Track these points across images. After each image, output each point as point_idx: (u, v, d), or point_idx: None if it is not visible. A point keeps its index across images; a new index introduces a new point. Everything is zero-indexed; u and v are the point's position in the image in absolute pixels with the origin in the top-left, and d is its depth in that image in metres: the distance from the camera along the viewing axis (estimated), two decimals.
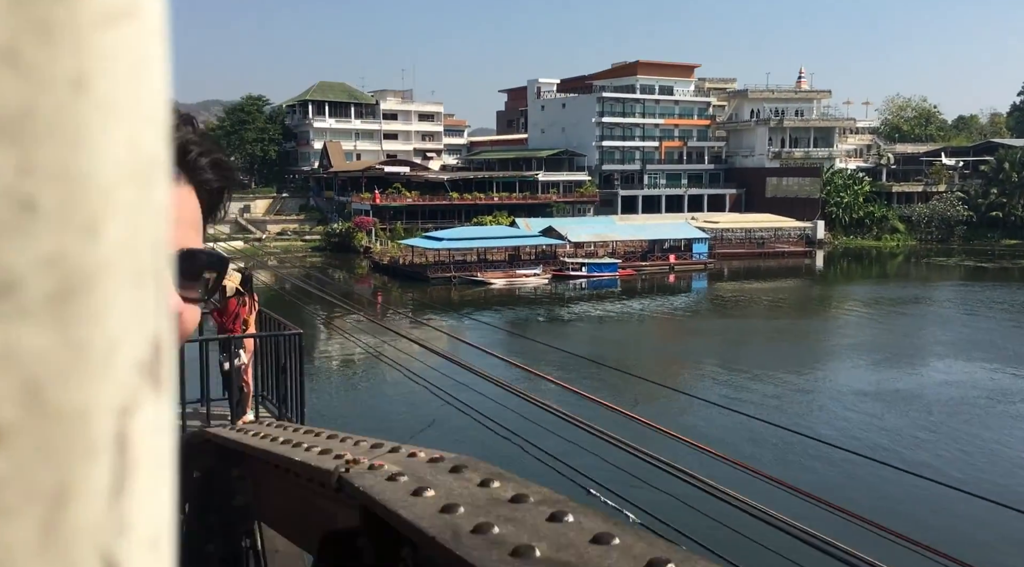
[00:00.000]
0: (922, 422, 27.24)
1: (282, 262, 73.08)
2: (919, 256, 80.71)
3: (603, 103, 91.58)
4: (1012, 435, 25.92)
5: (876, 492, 18.44)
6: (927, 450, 24.11)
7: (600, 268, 62.62)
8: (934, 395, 30.81)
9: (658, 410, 24.22)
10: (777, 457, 21.37)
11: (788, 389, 31.79)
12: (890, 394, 30.95)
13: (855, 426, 26.64)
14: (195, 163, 1.02)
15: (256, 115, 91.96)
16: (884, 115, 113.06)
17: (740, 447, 21.67)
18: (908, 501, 18.00)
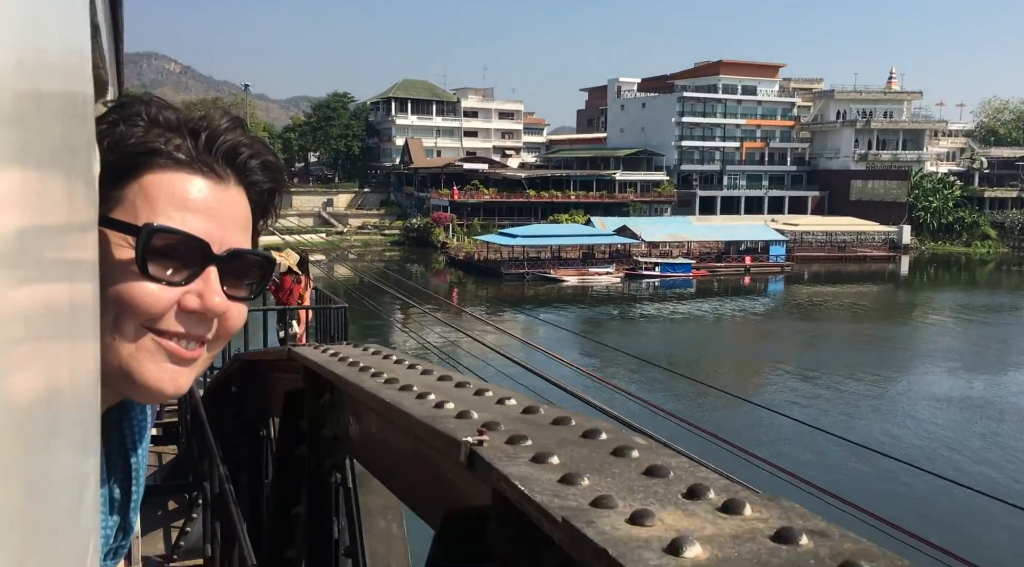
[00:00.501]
0: (989, 432, 26.65)
1: (361, 256, 75.16)
2: (1011, 264, 77.71)
3: (683, 103, 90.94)
4: None
5: (947, 512, 18.32)
6: (989, 464, 23.67)
7: (673, 268, 62.41)
8: (1009, 406, 30.02)
9: (720, 416, 24.42)
10: (843, 469, 21.34)
11: (856, 396, 31.41)
12: (965, 404, 30.29)
13: (924, 437, 26.24)
14: (245, 165, 1.04)
15: (341, 112, 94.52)
16: (980, 117, 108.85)
17: (803, 457, 21.75)
18: (953, 511, 17.84)
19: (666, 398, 27.59)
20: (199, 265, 0.97)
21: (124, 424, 1.09)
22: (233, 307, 1.01)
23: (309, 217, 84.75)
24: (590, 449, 1.13)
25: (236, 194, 1.03)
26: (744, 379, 34.96)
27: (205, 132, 1.01)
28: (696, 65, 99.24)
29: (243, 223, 1.04)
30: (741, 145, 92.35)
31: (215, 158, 1.01)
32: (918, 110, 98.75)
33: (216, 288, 0.98)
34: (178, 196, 0.97)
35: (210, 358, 1.03)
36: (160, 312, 0.95)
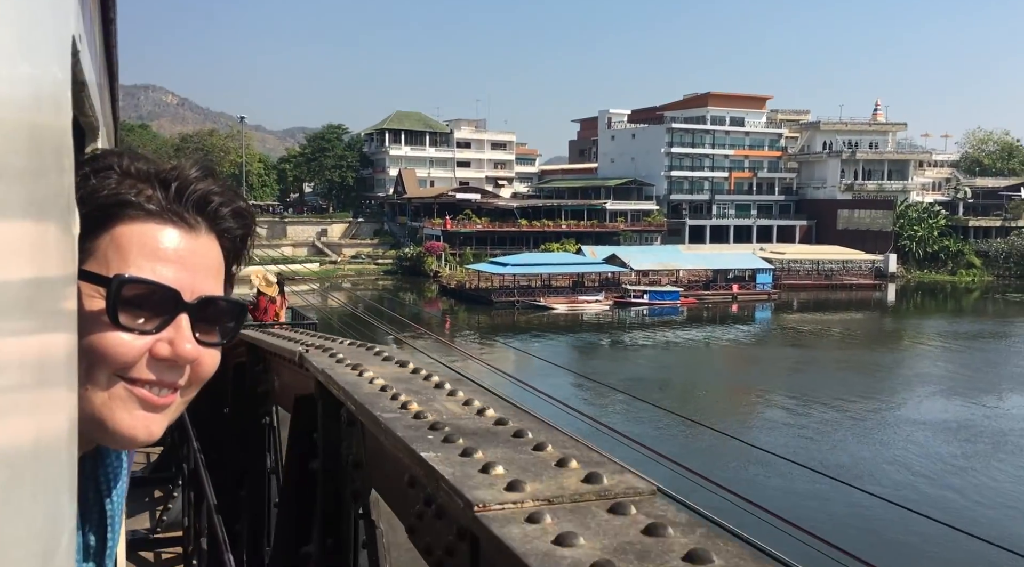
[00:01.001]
0: (963, 455, 27.46)
1: (355, 284, 76.08)
2: (996, 292, 78.86)
3: (672, 134, 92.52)
4: None
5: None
6: (955, 489, 24.46)
7: (662, 296, 63.42)
8: (986, 428, 30.86)
9: (695, 442, 25.23)
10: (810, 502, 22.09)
11: (835, 422, 32.22)
12: (943, 427, 31.11)
13: (895, 462, 27.03)
14: (216, 213, 1.05)
15: (335, 143, 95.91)
16: (964, 148, 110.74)
17: (771, 483, 22.53)
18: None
19: (649, 429, 28.47)
20: (170, 313, 0.99)
21: (99, 471, 1.09)
22: (205, 353, 1.03)
23: (303, 247, 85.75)
24: (384, 363, 1.90)
25: (208, 242, 1.04)
26: (727, 404, 35.79)
27: (175, 182, 1.03)
28: (685, 97, 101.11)
29: (215, 270, 1.06)
30: (730, 175, 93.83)
31: (185, 207, 1.02)
32: (904, 141, 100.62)
33: (187, 335, 0.99)
34: (149, 246, 0.99)
35: (184, 403, 1.04)
36: (132, 361, 0.96)
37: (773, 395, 36.76)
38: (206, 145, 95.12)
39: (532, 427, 1.60)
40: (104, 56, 2.13)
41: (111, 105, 2.93)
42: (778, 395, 36.60)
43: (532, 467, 1.37)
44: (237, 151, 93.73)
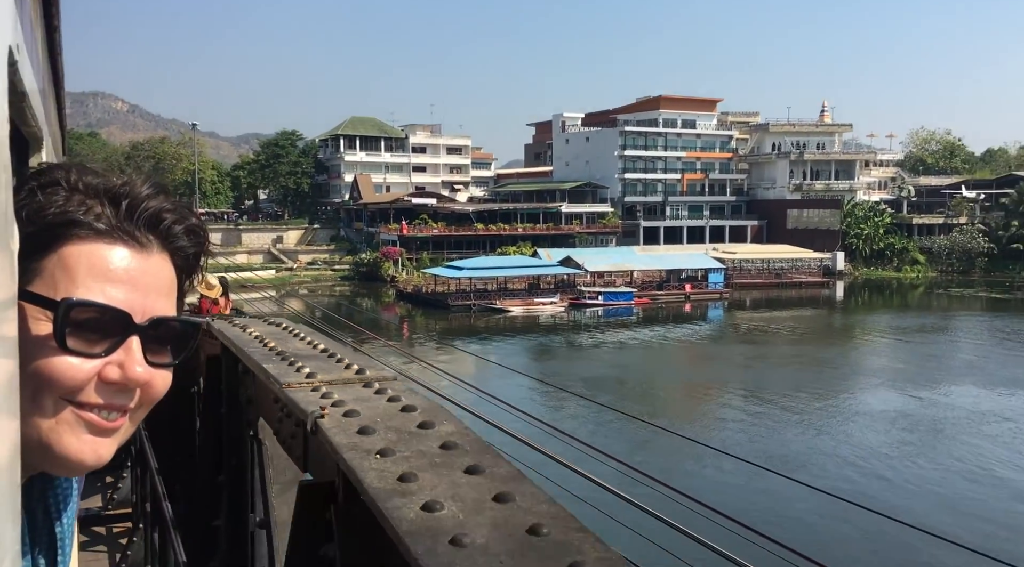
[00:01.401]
0: (901, 442, 28.58)
1: (312, 291, 75.90)
2: (939, 287, 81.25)
3: (625, 137, 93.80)
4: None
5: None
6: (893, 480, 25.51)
7: (616, 297, 64.37)
8: (924, 417, 32.08)
9: (639, 441, 25.93)
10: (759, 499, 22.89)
11: (779, 413, 33.23)
12: (883, 417, 32.26)
13: (832, 454, 28.03)
14: (169, 231, 1.03)
15: (290, 149, 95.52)
16: (908, 148, 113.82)
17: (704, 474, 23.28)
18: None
19: (593, 425, 29.13)
20: (120, 336, 0.96)
21: (48, 493, 1.07)
22: (157, 375, 1.00)
23: (259, 254, 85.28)
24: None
25: (159, 260, 1.02)
26: (681, 400, 36.65)
27: (126, 200, 1.00)
28: (638, 100, 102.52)
29: (167, 289, 1.03)
30: (682, 177, 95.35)
31: (137, 226, 1.00)
32: (850, 141, 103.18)
33: (138, 358, 0.97)
34: (98, 266, 0.96)
35: (133, 425, 1.02)
36: (80, 385, 0.94)
37: (725, 391, 37.75)
38: (157, 153, 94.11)
39: (346, 354, 2.49)
40: (48, 64, 2.16)
41: (57, 114, 2.95)
42: (729, 391, 37.60)
43: (328, 369, 2.31)
44: (189, 158, 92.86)
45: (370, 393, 2.06)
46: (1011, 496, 23.19)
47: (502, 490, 1.35)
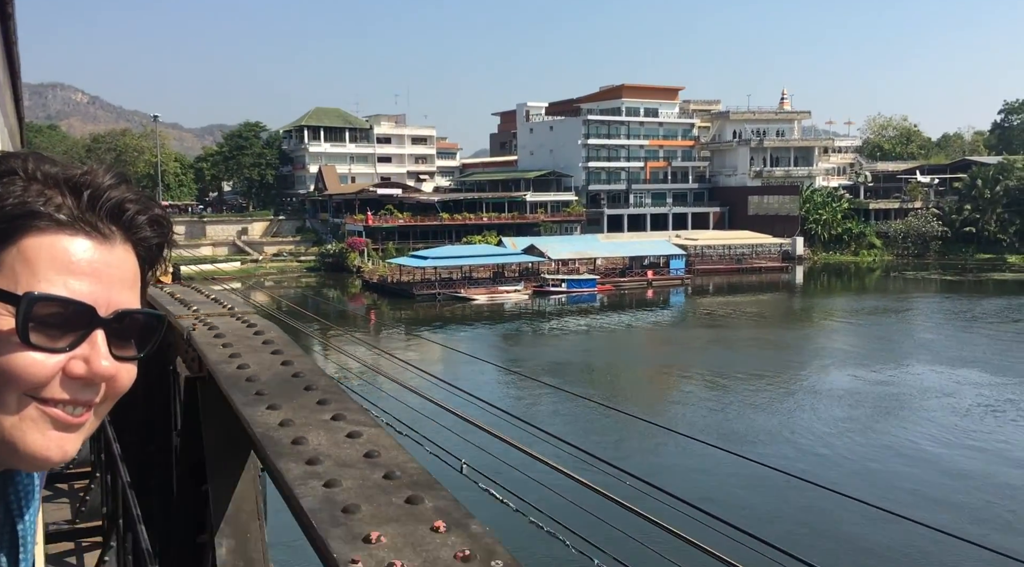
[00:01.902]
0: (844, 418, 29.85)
1: (278, 283, 76.02)
2: (895, 270, 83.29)
3: (589, 125, 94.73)
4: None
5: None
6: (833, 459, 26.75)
7: (579, 284, 65.37)
8: (870, 393, 33.42)
9: (597, 424, 26.86)
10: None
11: (733, 394, 34.40)
12: (836, 395, 33.54)
13: (787, 430, 29.21)
14: (132, 221, 1.01)
15: (253, 141, 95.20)
16: (866, 134, 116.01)
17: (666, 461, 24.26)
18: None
19: (554, 410, 30.05)
20: (84, 330, 0.94)
21: (9, 491, 1.06)
22: (122, 368, 0.99)
23: (224, 246, 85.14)
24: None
25: (123, 252, 1.00)
26: (642, 383, 37.66)
27: (88, 190, 0.96)
28: (601, 89, 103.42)
29: (131, 281, 1.01)
30: (645, 165, 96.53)
31: (99, 216, 0.97)
32: (809, 127, 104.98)
33: (103, 352, 0.95)
34: (60, 259, 0.93)
35: (98, 420, 1.00)
36: (44, 381, 0.92)
37: (680, 373, 38.86)
38: (119, 145, 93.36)
39: (233, 301, 3.43)
40: (4, 54, 2.16)
41: (14, 105, 2.70)
42: (685, 373, 38.70)
43: (211, 307, 3.20)
44: (151, 151, 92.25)
45: (233, 320, 3.04)
46: (935, 469, 24.44)
47: (298, 370, 2.27)
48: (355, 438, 1.70)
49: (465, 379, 36.36)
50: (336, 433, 1.74)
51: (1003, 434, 27.80)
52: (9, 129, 2.68)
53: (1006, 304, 60.09)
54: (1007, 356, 41.55)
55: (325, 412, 1.88)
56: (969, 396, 32.94)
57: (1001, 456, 25.41)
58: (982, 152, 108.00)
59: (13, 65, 2.57)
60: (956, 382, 35.58)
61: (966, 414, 30.20)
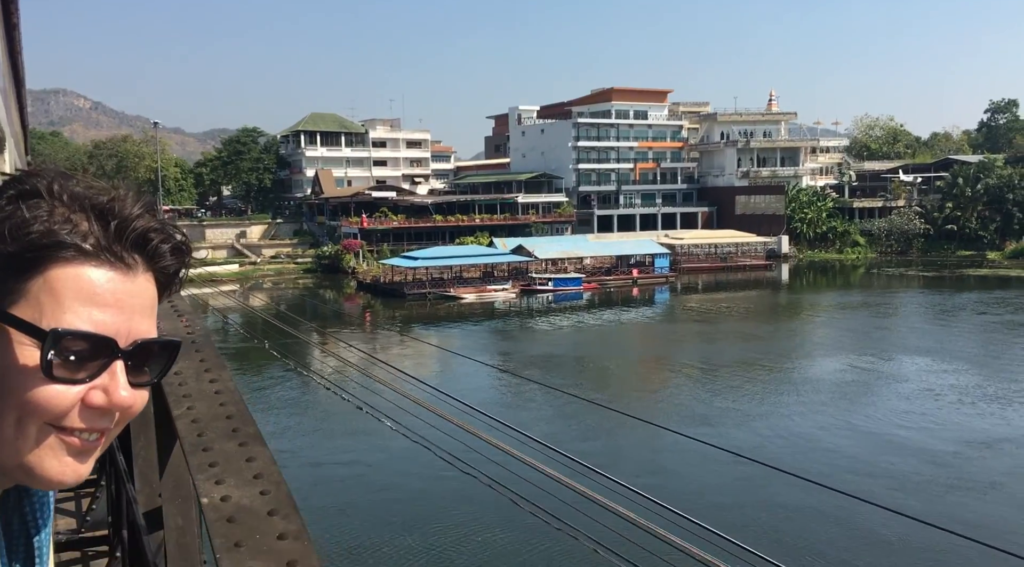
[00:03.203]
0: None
1: (276, 284, 78.22)
2: (878, 267, 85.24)
3: (579, 128, 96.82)
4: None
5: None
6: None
7: (565, 282, 67.46)
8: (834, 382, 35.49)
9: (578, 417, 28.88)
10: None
11: (704, 384, 36.47)
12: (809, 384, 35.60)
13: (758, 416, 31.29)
14: (156, 251, 1.00)
15: (251, 146, 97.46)
16: (853, 134, 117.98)
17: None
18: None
19: (536, 408, 32.12)
20: (105, 361, 0.94)
21: (25, 504, 1.06)
22: (138, 395, 0.98)
23: (223, 249, 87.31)
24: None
25: (144, 281, 0.99)
26: (623, 377, 39.66)
27: (115, 220, 0.96)
28: (592, 92, 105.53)
29: (150, 309, 1.01)
30: (635, 166, 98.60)
31: (124, 247, 0.96)
32: (796, 128, 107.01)
33: (122, 382, 0.95)
34: (85, 291, 0.93)
35: (108, 442, 1.00)
36: (64, 412, 0.92)
37: (662, 364, 40.98)
38: (120, 151, 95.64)
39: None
40: (9, 62, 2.26)
41: (19, 112, 2.81)
42: (666, 364, 40.82)
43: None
44: (152, 156, 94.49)
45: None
46: (891, 448, 26.44)
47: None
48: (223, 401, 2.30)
49: (448, 372, 38.55)
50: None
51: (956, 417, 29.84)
52: (15, 136, 2.15)
53: (977, 298, 62.10)
54: (971, 346, 43.59)
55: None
56: (935, 383, 34.95)
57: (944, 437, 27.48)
58: (966, 151, 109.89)
59: (18, 73, 2.34)
60: (924, 370, 37.60)
61: (935, 399, 32.20)
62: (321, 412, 31.41)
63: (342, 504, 22.06)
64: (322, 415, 30.98)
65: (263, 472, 1.94)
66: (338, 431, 28.49)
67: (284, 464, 25.48)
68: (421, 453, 17.88)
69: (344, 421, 28.28)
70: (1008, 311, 55.82)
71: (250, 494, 1.77)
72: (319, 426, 29.72)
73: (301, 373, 36.35)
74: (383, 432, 20.77)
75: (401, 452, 22.88)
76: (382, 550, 19.27)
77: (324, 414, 30.97)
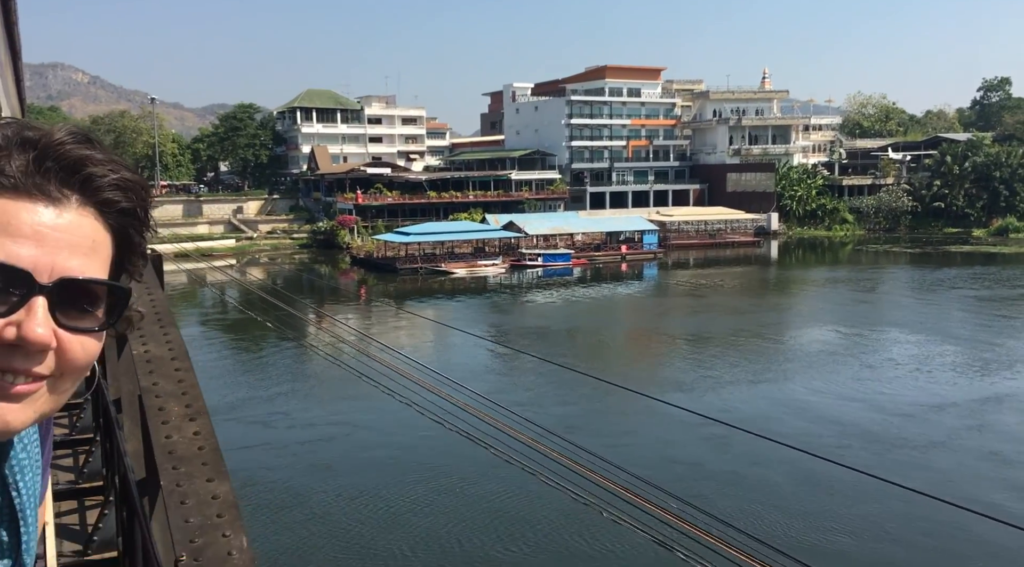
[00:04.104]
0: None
1: (272, 259, 79.61)
2: (866, 244, 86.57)
3: (572, 106, 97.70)
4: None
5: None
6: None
7: (554, 258, 68.85)
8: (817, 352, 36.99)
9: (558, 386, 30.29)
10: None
11: (680, 355, 37.97)
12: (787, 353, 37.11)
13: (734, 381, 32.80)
14: (89, 184, 0.95)
15: (248, 122, 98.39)
16: (846, 112, 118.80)
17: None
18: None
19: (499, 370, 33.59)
20: (21, 296, 0.89)
21: (3, 465, 1.04)
22: (72, 340, 0.94)
23: (220, 224, 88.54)
24: None
25: (77, 216, 0.94)
26: (603, 347, 41.14)
27: (34, 151, 0.93)
28: (586, 69, 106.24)
29: (85, 248, 0.95)
30: (627, 143, 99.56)
31: (46, 178, 0.93)
32: (788, 106, 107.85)
33: (40, 319, 0.90)
34: (0, 222, 0.90)
35: (58, 396, 0.97)
36: None
37: (643, 334, 42.46)
38: (117, 127, 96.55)
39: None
40: (5, 34, 2.12)
41: (15, 85, 2.72)
42: (646, 334, 42.29)
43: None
44: (150, 132, 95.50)
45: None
46: (846, 410, 27.97)
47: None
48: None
49: (434, 342, 40.09)
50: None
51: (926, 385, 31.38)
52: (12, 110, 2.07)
53: (956, 274, 63.55)
54: (941, 319, 45.07)
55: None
56: (899, 353, 36.48)
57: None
58: (957, 129, 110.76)
59: (14, 46, 2.28)
60: (894, 341, 39.11)
61: (896, 367, 33.73)
62: (315, 379, 33.00)
63: (329, 459, 23.63)
64: (315, 382, 32.56)
65: (200, 430, 3.08)
66: (330, 396, 30.02)
67: (276, 425, 26.96)
68: (409, 416, 19.44)
69: (337, 387, 29.83)
70: (983, 286, 57.27)
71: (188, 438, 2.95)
72: (312, 392, 31.27)
73: (296, 343, 37.90)
74: (374, 397, 22.25)
75: (390, 415, 24.43)
76: (362, 498, 20.79)
77: (317, 381, 32.56)
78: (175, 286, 55.06)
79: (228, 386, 31.63)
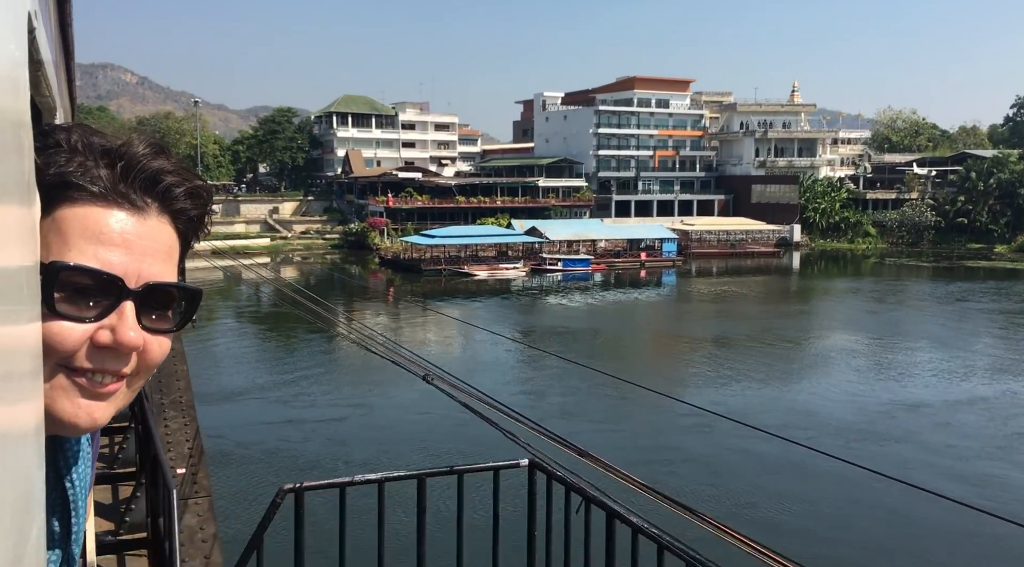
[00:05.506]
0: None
1: (304, 258, 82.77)
2: (888, 257, 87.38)
3: (600, 115, 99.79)
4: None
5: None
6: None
7: (574, 263, 71.02)
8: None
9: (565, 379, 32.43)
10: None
11: (686, 358, 39.92)
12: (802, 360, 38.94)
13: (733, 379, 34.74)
14: (167, 193, 1.01)
15: (286, 126, 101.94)
16: (876, 127, 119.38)
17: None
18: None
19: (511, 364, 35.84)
20: (113, 300, 0.94)
21: (58, 455, 1.07)
22: (153, 341, 0.99)
23: (256, 223, 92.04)
24: None
25: (157, 224, 1.00)
26: (619, 347, 43.18)
27: (121, 161, 0.98)
28: (616, 80, 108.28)
29: (164, 253, 1.01)
30: (654, 153, 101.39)
31: (132, 188, 0.98)
32: (816, 119, 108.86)
33: (130, 323, 0.96)
34: (91, 230, 0.94)
35: (133, 391, 1.02)
36: (71, 350, 0.93)
37: (653, 336, 44.43)
38: (162, 128, 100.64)
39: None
40: (59, 33, 2.15)
41: (67, 85, 2.92)
42: (659, 338, 44.25)
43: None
44: (193, 133, 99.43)
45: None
46: (844, 409, 29.76)
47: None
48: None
49: (451, 338, 42.46)
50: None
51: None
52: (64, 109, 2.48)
53: (969, 288, 64.55)
54: (949, 330, 46.42)
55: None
56: (900, 360, 38.09)
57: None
58: (986, 145, 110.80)
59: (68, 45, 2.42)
60: (899, 349, 40.68)
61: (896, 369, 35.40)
62: (341, 368, 35.66)
63: (343, 437, 26.07)
64: (342, 370, 35.21)
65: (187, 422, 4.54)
66: (351, 382, 32.58)
67: (295, 404, 29.52)
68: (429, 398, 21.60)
69: (361, 374, 32.40)
70: (1009, 301, 58.25)
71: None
72: (337, 378, 33.89)
73: (326, 335, 40.58)
74: (398, 383, 24.44)
75: (412, 398, 26.87)
76: (369, 464, 23.11)
77: (344, 370, 35.23)
78: (211, 282, 58.11)
79: (260, 371, 34.37)
